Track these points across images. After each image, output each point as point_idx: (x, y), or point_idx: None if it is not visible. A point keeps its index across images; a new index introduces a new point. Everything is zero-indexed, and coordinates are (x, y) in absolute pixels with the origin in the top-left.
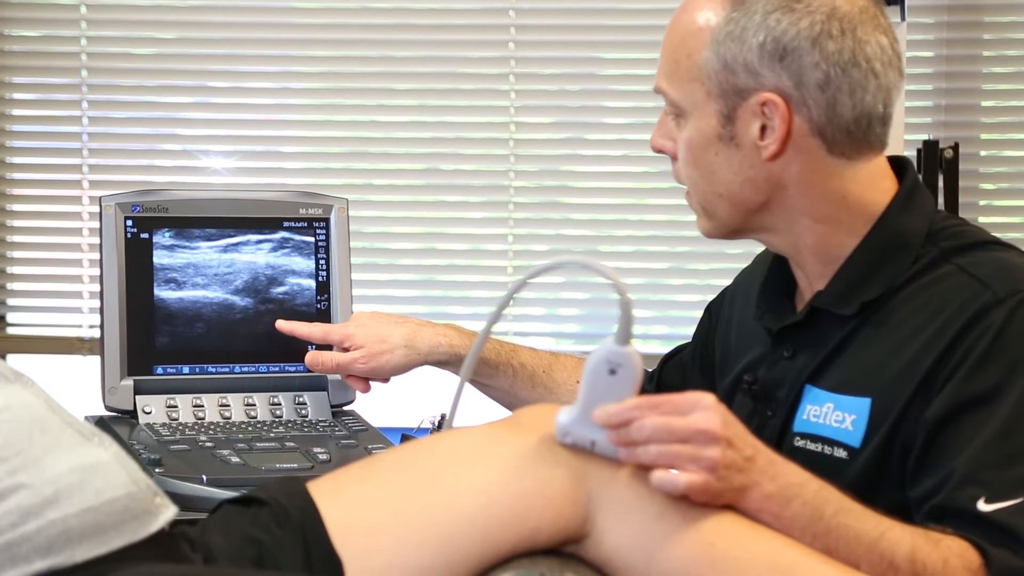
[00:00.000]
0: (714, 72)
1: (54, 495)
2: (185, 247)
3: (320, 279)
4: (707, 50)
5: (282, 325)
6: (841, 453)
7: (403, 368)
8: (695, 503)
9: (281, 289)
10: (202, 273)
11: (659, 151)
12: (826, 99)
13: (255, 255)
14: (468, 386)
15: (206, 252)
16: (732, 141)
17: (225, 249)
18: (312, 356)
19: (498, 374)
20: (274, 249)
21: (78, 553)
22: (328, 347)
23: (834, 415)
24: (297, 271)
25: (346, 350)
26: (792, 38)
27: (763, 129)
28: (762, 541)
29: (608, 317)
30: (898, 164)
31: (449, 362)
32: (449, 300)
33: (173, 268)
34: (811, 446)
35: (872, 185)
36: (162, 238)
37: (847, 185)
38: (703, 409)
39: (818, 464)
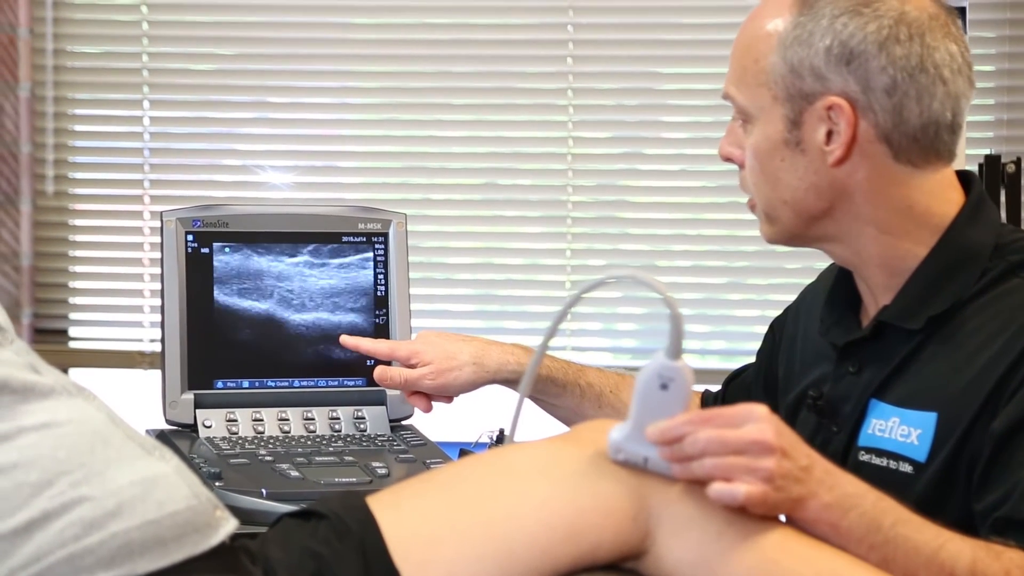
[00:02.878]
0: (781, 76)
1: (116, 508)
2: (245, 262)
3: (379, 294)
4: (774, 55)
5: (347, 340)
6: (907, 468)
7: (471, 386)
8: (755, 519)
9: (340, 303)
10: (261, 287)
11: (727, 159)
12: (892, 104)
13: (314, 270)
14: (530, 403)
15: (265, 267)
16: (798, 146)
17: (284, 263)
18: (381, 371)
19: (565, 393)
20: (333, 264)
21: (140, 565)
22: (389, 364)
23: (899, 429)
24: (356, 286)
25: (412, 367)
26: (859, 42)
27: (829, 134)
28: (825, 557)
29: (665, 332)
30: (964, 178)
31: (517, 380)
32: (506, 315)
33: (233, 282)
34: (876, 461)
35: (939, 196)
36: (222, 253)
37: (913, 194)
38: (756, 420)
39: (884, 479)
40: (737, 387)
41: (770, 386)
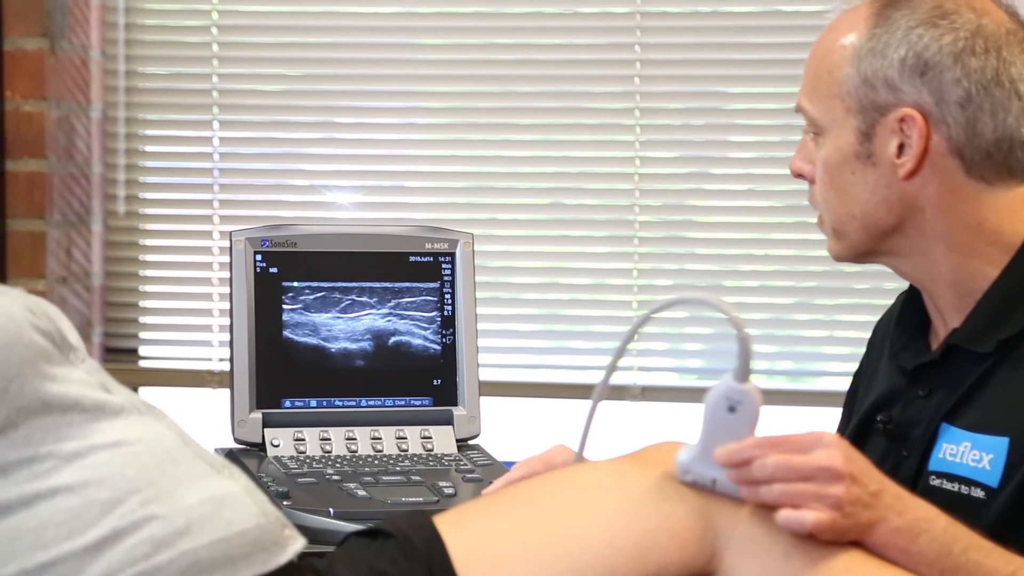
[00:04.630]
0: (854, 88)
1: (186, 526)
2: (313, 281)
3: (445, 313)
4: (848, 66)
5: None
6: (979, 493)
7: None
8: (823, 541)
9: (407, 323)
10: (329, 307)
11: (798, 175)
12: (966, 117)
13: (382, 289)
14: (598, 421)
15: (333, 286)
16: (869, 159)
17: (352, 282)
18: None
19: None
20: (400, 283)
21: None
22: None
23: (971, 454)
24: (423, 305)
25: None
26: (934, 53)
27: (901, 147)
28: None
29: (732, 352)
30: None
31: None
32: (573, 335)
33: (301, 302)
34: (948, 485)
35: (1011, 215)
36: (290, 272)
37: (984, 211)
38: (825, 446)
39: (955, 504)
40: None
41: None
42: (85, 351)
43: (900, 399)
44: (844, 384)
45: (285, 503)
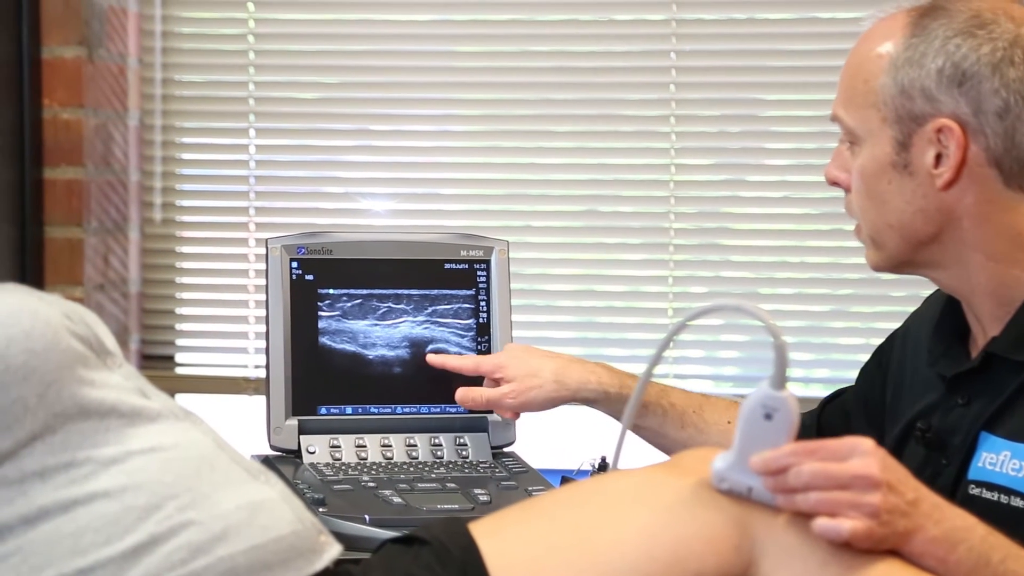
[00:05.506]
0: (891, 98)
1: (222, 532)
2: (348, 288)
3: (480, 320)
4: (885, 76)
5: (433, 359)
6: (1019, 502)
7: (550, 403)
8: (859, 550)
9: (442, 330)
10: (365, 314)
11: (833, 183)
12: (1004, 128)
13: (417, 296)
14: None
15: (369, 293)
16: (906, 169)
17: (387, 290)
18: (462, 393)
19: (648, 413)
20: (435, 291)
21: None
22: (478, 381)
23: (1011, 463)
24: (458, 312)
25: (496, 381)
26: (972, 63)
27: (938, 157)
28: None
29: (768, 360)
30: None
31: (597, 400)
32: (608, 342)
33: (336, 309)
34: (987, 494)
35: None
36: (326, 279)
37: (1023, 221)
38: (861, 454)
39: (995, 513)
40: (835, 411)
41: (872, 414)
42: (122, 357)
43: (939, 407)
44: None
45: (321, 510)
